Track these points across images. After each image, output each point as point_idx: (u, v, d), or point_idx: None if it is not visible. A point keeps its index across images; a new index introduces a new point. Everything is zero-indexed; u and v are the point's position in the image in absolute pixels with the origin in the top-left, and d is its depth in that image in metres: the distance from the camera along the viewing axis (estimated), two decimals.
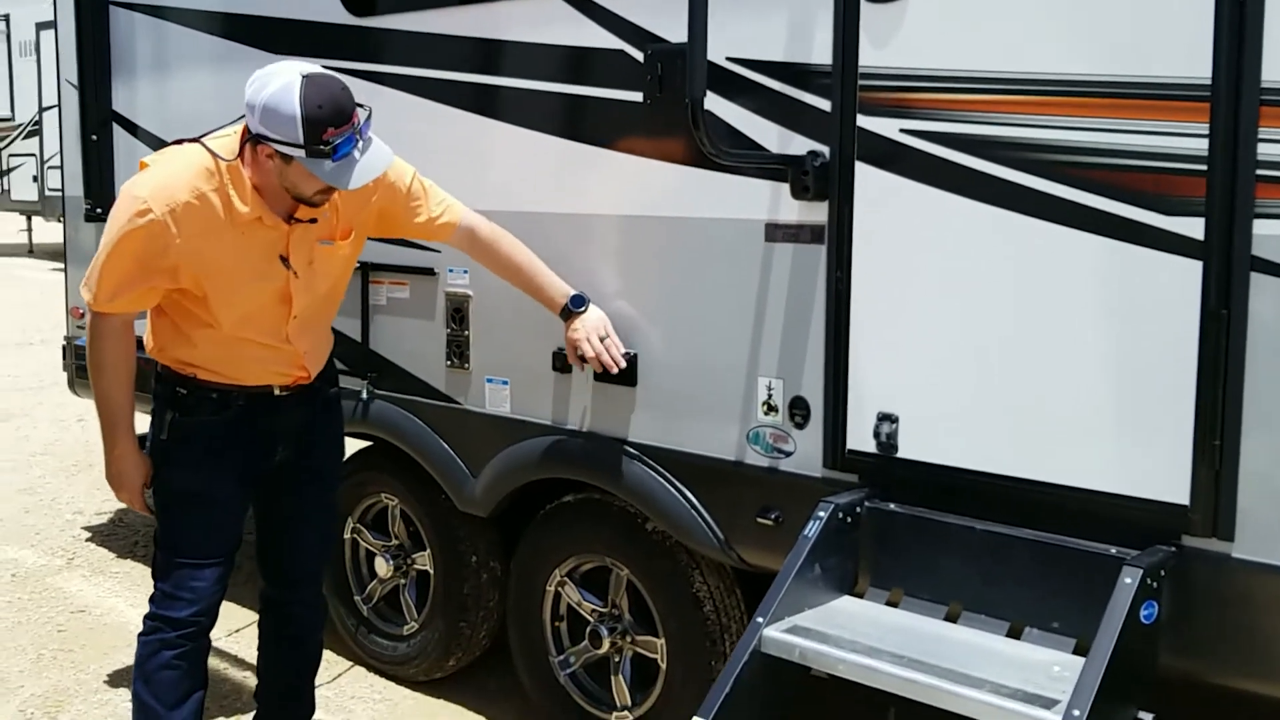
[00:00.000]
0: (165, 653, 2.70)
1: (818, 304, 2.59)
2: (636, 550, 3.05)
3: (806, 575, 2.34)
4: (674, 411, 2.87)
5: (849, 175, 2.50)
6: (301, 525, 2.93)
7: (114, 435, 2.70)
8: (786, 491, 2.67)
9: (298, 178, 2.49)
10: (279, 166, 2.48)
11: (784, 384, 2.66)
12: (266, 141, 2.43)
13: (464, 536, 3.50)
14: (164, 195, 2.49)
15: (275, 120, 2.40)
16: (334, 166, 2.43)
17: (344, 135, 2.41)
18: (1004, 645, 2.21)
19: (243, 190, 2.54)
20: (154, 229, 2.48)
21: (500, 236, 2.91)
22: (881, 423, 2.49)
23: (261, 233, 2.59)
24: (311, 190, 2.53)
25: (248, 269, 2.61)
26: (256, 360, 2.72)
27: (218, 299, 2.61)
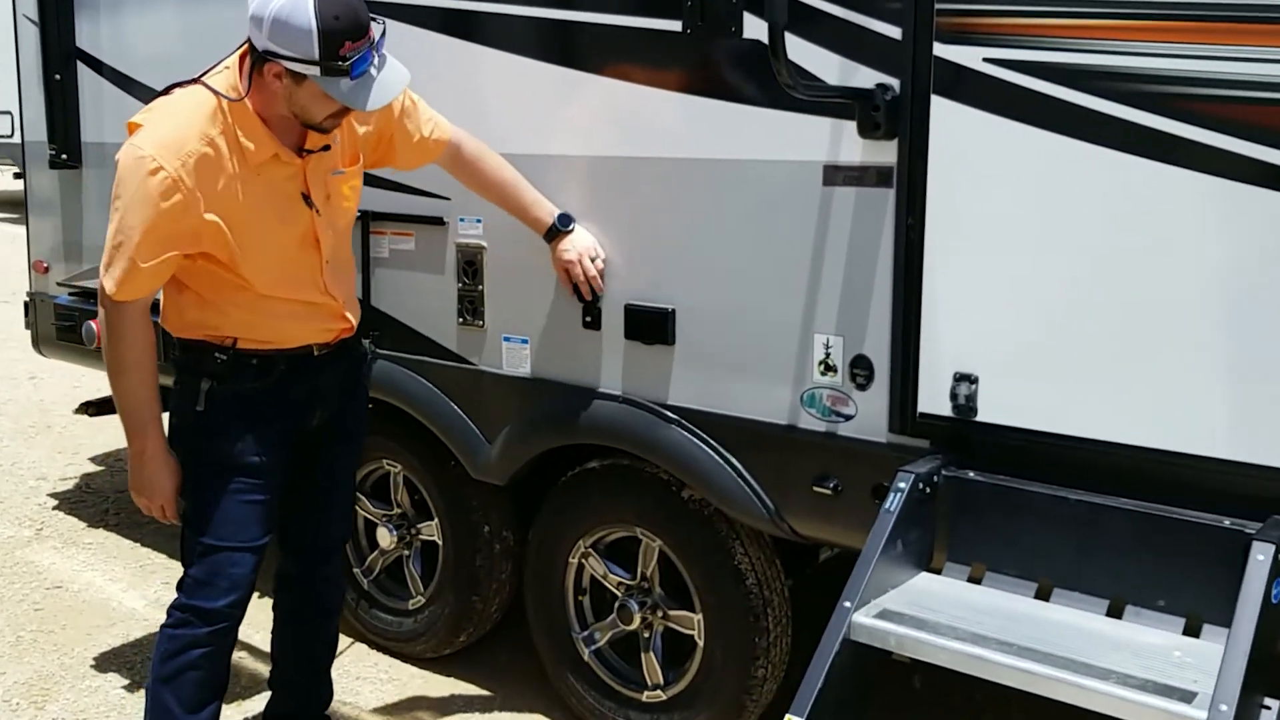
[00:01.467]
0: (193, 652, 2.47)
1: (884, 254, 2.36)
2: (671, 520, 2.84)
3: (890, 554, 2.14)
4: (717, 372, 2.64)
5: (924, 110, 2.26)
6: (333, 492, 2.73)
7: (143, 435, 2.43)
8: (846, 458, 2.46)
9: (309, 100, 2.26)
10: (288, 88, 2.25)
11: (844, 341, 2.44)
12: (275, 59, 2.19)
13: (476, 505, 3.26)
14: (172, 148, 2.24)
15: (287, 34, 2.16)
16: (351, 85, 2.21)
17: (361, 51, 2.20)
18: (1109, 627, 2.03)
19: (253, 127, 2.31)
20: (169, 188, 2.23)
21: (484, 152, 2.74)
22: (959, 383, 2.28)
23: (279, 172, 2.36)
24: (324, 113, 2.30)
25: (271, 214, 2.37)
26: (295, 319, 2.49)
27: (247, 256, 2.36)
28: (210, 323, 2.44)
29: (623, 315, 2.75)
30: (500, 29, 2.87)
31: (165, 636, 2.50)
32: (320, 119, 2.31)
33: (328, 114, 2.30)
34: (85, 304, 4.03)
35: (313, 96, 2.25)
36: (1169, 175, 2.03)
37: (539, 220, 2.71)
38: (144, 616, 3.80)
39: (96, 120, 4.04)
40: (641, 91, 2.65)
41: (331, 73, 2.18)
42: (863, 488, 2.43)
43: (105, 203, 3.84)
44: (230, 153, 2.28)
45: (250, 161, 2.30)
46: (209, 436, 2.47)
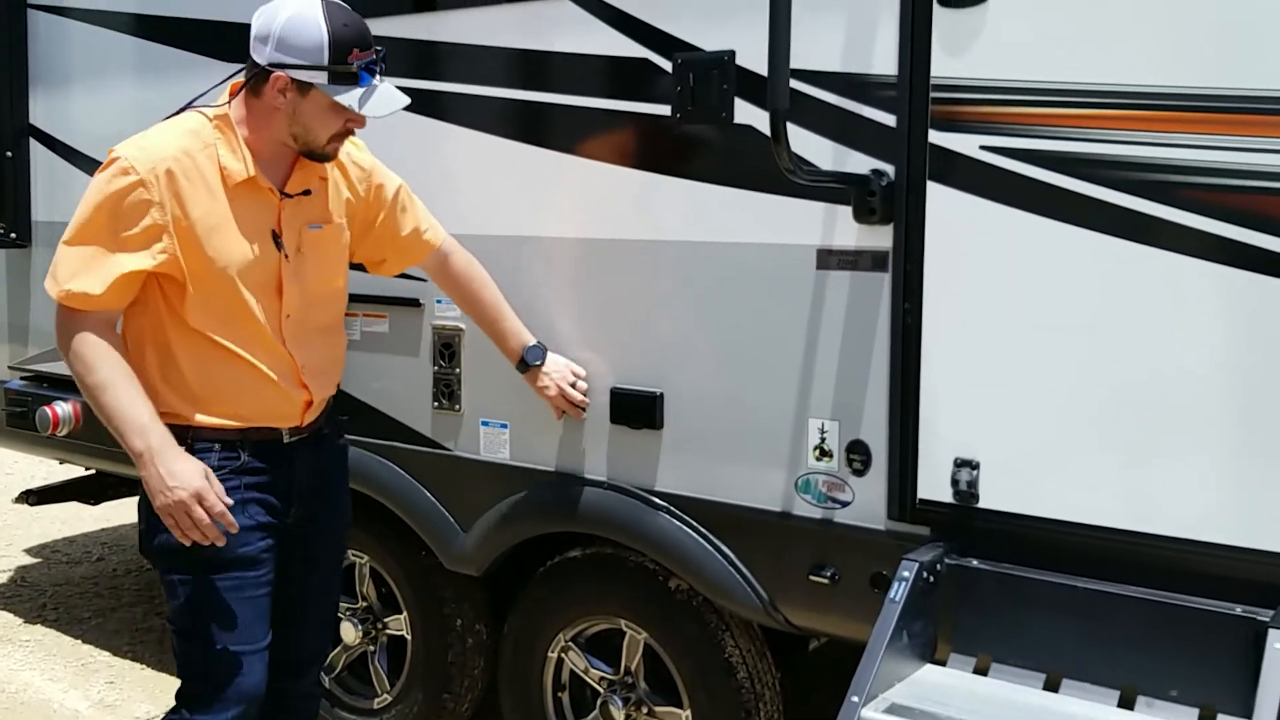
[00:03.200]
0: None
1: (879, 338, 2.34)
2: (657, 611, 2.75)
3: (896, 645, 2.08)
4: (708, 456, 2.58)
5: (920, 196, 2.27)
6: (311, 599, 2.51)
7: (145, 433, 2.14)
8: (843, 546, 2.41)
9: (313, 113, 2.21)
10: (292, 102, 2.20)
11: (839, 426, 2.40)
12: (284, 69, 2.17)
13: (448, 597, 3.14)
14: (147, 154, 2.18)
15: (296, 42, 2.15)
16: (358, 94, 2.20)
17: (367, 59, 2.20)
18: (1121, 718, 1.98)
19: (234, 146, 2.24)
20: (135, 189, 2.15)
21: (473, 268, 2.67)
22: (960, 469, 2.24)
23: (253, 199, 2.26)
24: (328, 131, 2.24)
25: (238, 242, 2.23)
26: (255, 384, 2.29)
27: (200, 282, 2.21)
28: (160, 396, 2.24)
29: (609, 399, 2.69)
30: (494, 113, 2.84)
31: None
32: (324, 138, 2.25)
33: (332, 132, 2.25)
34: (38, 389, 3.86)
35: (317, 109, 2.20)
36: (1165, 260, 2.04)
37: (513, 351, 2.68)
38: (88, 719, 3.58)
39: (49, 199, 3.93)
40: (631, 174, 2.63)
41: (339, 79, 2.17)
42: (861, 576, 2.37)
43: None
44: (209, 170, 2.21)
45: (228, 180, 2.22)
46: (166, 535, 2.21)
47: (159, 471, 2.13)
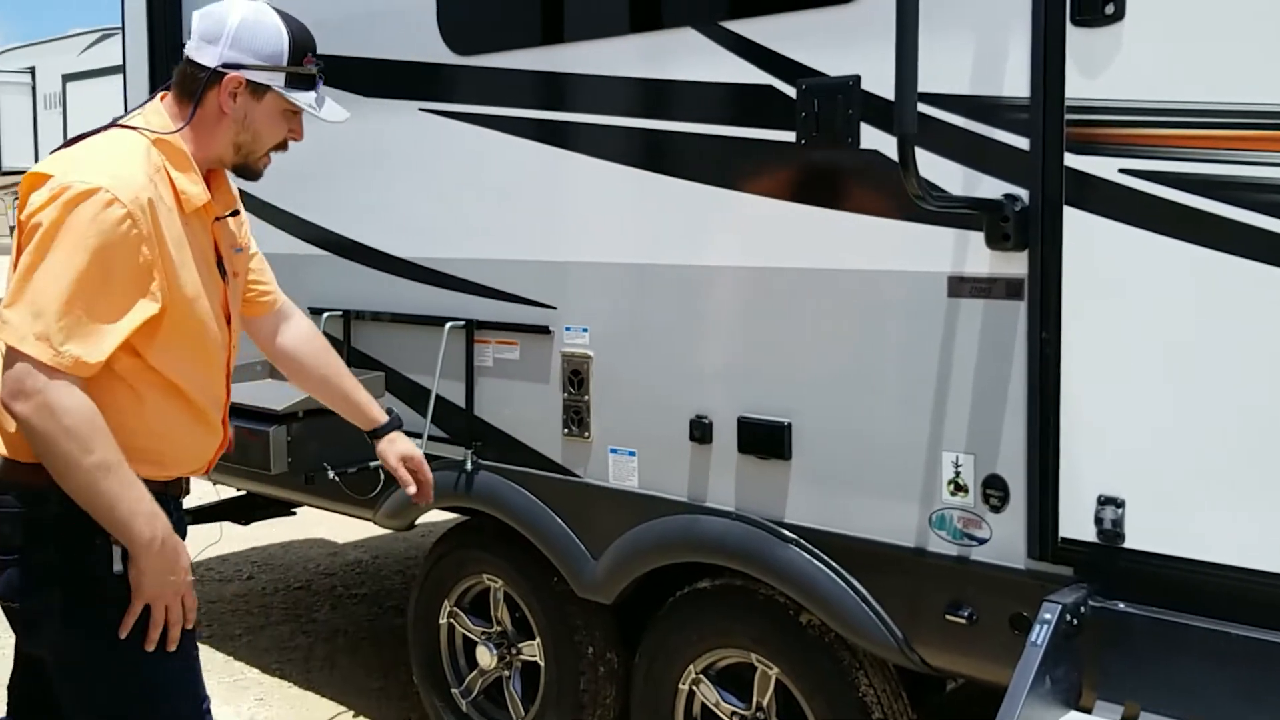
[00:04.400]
0: None
1: (1016, 368, 2.25)
2: (788, 646, 2.70)
3: (1038, 690, 1.99)
4: (839, 489, 2.53)
5: (1056, 221, 2.18)
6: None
7: (154, 519, 1.95)
8: (981, 585, 2.32)
9: (264, 118, 2.09)
10: (244, 107, 2.07)
11: (975, 460, 2.32)
12: (240, 70, 2.03)
13: (580, 625, 3.16)
14: (125, 183, 1.93)
15: (254, 40, 2.05)
16: (313, 97, 2.13)
17: (318, 66, 2.15)
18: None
19: (188, 168, 2.05)
20: (124, 223, 1.90)
21: (317, 333, 2.52)
22: (1103, 507, 2.14)
23: (199, 224, 2.09)
24: (274, 138, 2.14)
25: (200, 271, 2.06)
26: (191, 424, 2.11)
27: (174, 317, 2.01)
28: None
29: (735, 428, 2.67)
30: (616, 141, 2.87)
31: None
32: (266, 147, 2.14)
33: (275, 141, 2.15)
34: None
35: (270, 114, 2.10)
36: None
37: (367, 418, 2.47)
38: None
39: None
40: (756, 202, 2.61)
41: (297, 82, 2.09)
42: (1000, 617, 2.28)
43: None
44: (167, 195, 2.01)
45: (187, 204, 2.04)
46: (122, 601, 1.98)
47: (164, 562, 1.96)
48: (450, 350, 3.26)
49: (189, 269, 2.03)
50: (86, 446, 1.88)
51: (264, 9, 2.10)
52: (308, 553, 5.89)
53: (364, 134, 3.48)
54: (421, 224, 3.37)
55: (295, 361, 2.46)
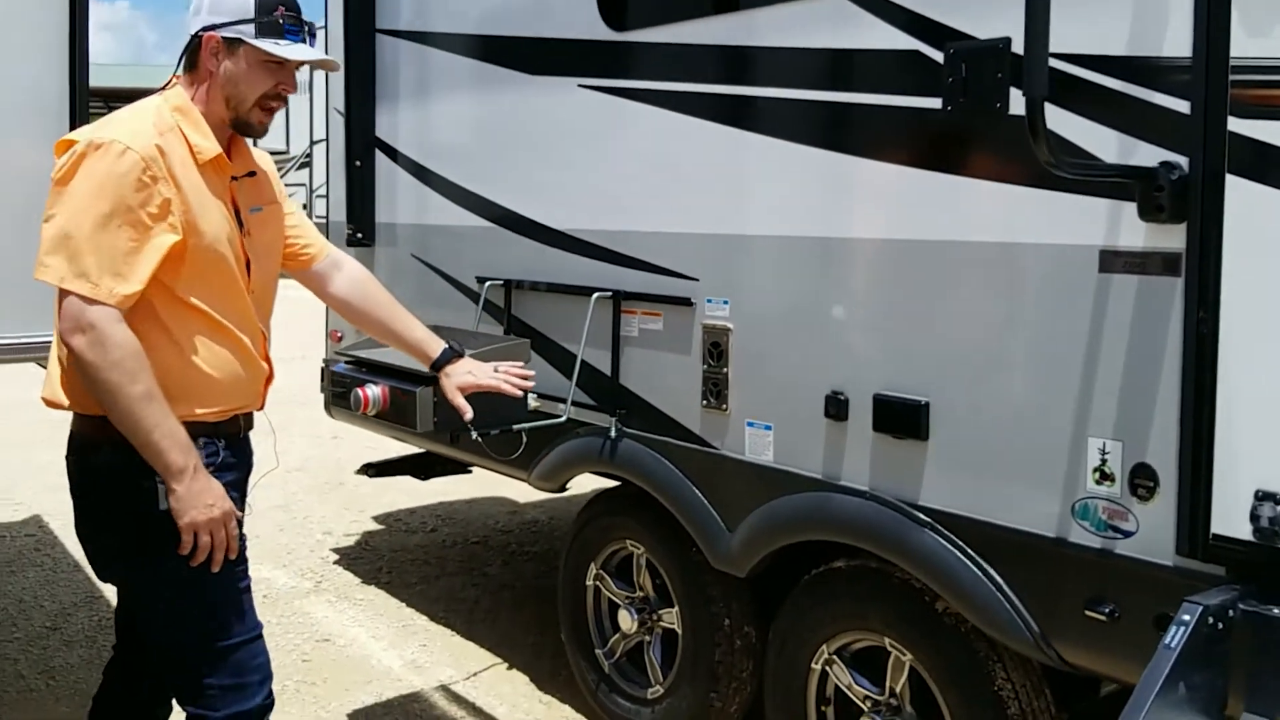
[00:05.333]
0: None
1: (1170, 350, 2.08)
2: (922, 633, 2.61)
3: (1169, 696, 1.84)
4: (976, 472, 2.41)
5: (1217, 191, 1.98)
6: None
7: (188, 451, 2.12)
8: (1124, 580, 2.17)
9: (244, 74, 2.24)
10: (225, 62, 2.24)
11: (1122, 447, 2.16)
12: (214, 29, 2.23)
13: (716, 596, 3.15)
14: (135, 134, 2.14)
15: (222, 4, 2.23)
16: (285, 44, 2.24)
17: (294, 18, 2.25)
18: None
19: (197, 123, 2.24)
20: (140, 166, 2.10)
21: (371, 278, 2.65)
22: (1262, 503, 1.95)
23: (215, 177, 2.25)
24: (257, 90, 2.25)
25: (218, 218, 2.23)
26: (236, 357, 2.26)
27: (196, 255, 2.17)
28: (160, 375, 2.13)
29: (871, 405, 2.58)
30: (757, 112, 2.81)
31: None
32: (253, 98, 2.25)
33: (260, 93, 2.25)
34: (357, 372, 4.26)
35: (250, 67, 2.23)
36: None
37: (428, 353, 2.65)
38: (398, 677, 3.93)
39: (390, 203, 4.32)
40: (903, 172, 2.50)
41: (265, 31, 2.21)
42: (1144, 616, 2.13)
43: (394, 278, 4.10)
44: (180, 149, 2.19)
45: (198, 159, 2.21)
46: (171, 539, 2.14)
47: (198, 488, 2.11)
48: (597, 320, 3.29)
49: (207, 211, 2.20)
50: (132, 377, 2.07)
51: None
52: (490, 509, 6.11)
53: (528, 111, 3.56)
54: (575, 197, 3.42)
55: (349, 306, 2.63)
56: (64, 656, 4.04)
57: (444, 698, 3.79)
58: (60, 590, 4.71)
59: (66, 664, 3.98)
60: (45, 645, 4.15)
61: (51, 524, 5.59)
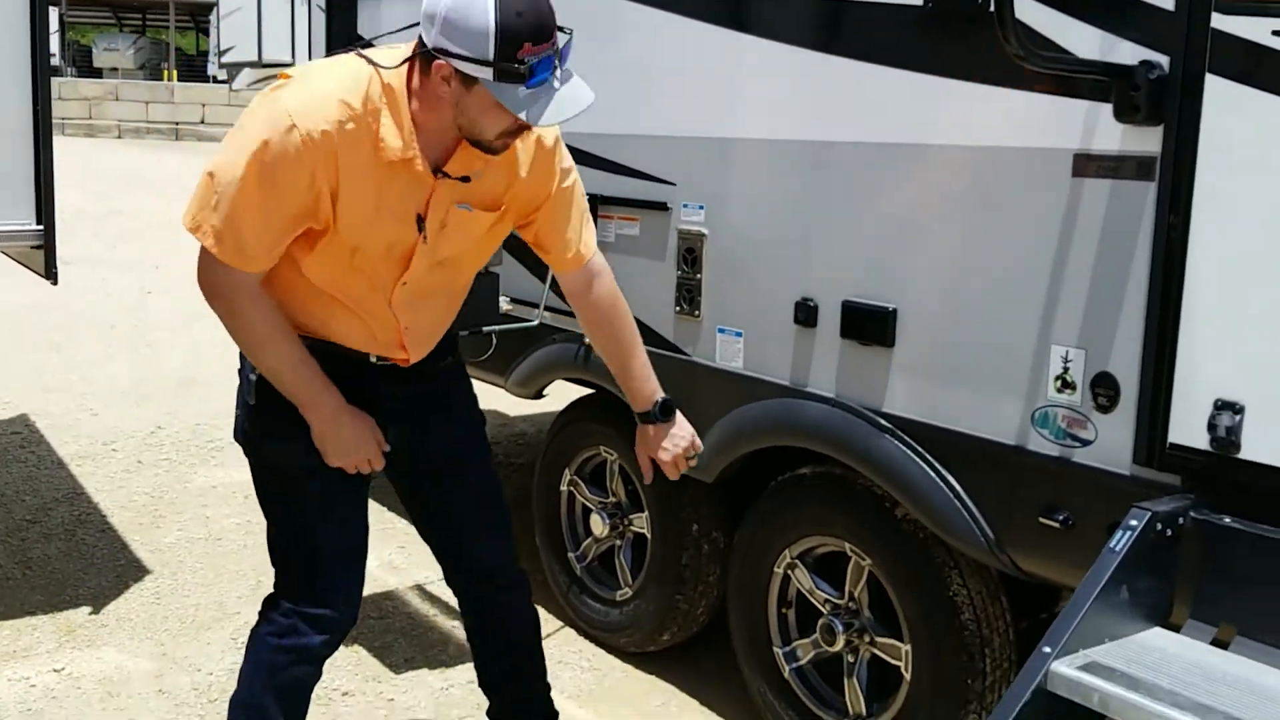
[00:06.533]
0: (305, 666, 2.26)
1: (1139, 257, 2.05)
2: (882, 539, 2.61)
3: (1110, 599, 1.85)
4: (939, 380, 2.40)
5: (1196, 92, 1.94)
6: (466, 512, 2.44)
7: (319, 399, 2.13)
8: (1080, 489, 2.16)
9: (479, 110, 1.95)
10: (456, 93, 1.94)
11: (1085, 356, 2.14)
12: (447, 58, 1.90)
13: (685, 502, 3.16)
14: (313, 111, 1.95)
15: (461, 29, 1.87)
16: (525, 94, 1.90)
17: (542, 55, 1.89)
18: None
19: (400, 119, 2.00)
20: (301, 150, 1.95)
21: (619, 299, 2.39)
22: (1219, 412, 1.94)
23: (406, 178, 2.04)
24: (494, 130, 1.98)
25: (377, 221, 2.06)
26: (345, 322, 2.20)
27: (330, 247, 2.08)
28: None
29: (840, 312, 2.56)
30: (735, 9, 2.74)
31: (269, 647, 2.24)
32: (490, 136, 1.99)
33: (499, 130, 1.98)
34: None
35: (483, 106, 1.94)
36: None
37: (643, 397, 2.38)
38: (373, 577, 3.92)
39: None
40: (870, 70, 2.45)
41: (505, 76, 1.87)
42: (1097, 524, 2.12)
43: None
44: (366, 138, 1.99)
45: (387, 153, 2.00)
46: (265, 435, 2.22)
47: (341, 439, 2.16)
48: None
49: (364, 213, 2.03)
50: (262, 347, 2.11)
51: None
52: None
53: None
54: None
55: (586, 320, 2.42)
56: (42, 549, 4.09)
57: (418, 596, 3.83)
58: (42, 486, 4.74)
59: (44, 555, 4.02)
60: (24, 537, 4.19)
61: (38, 423, 5.62)
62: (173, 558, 4.07)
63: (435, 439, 2.35)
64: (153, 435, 5.48)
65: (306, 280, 2.13)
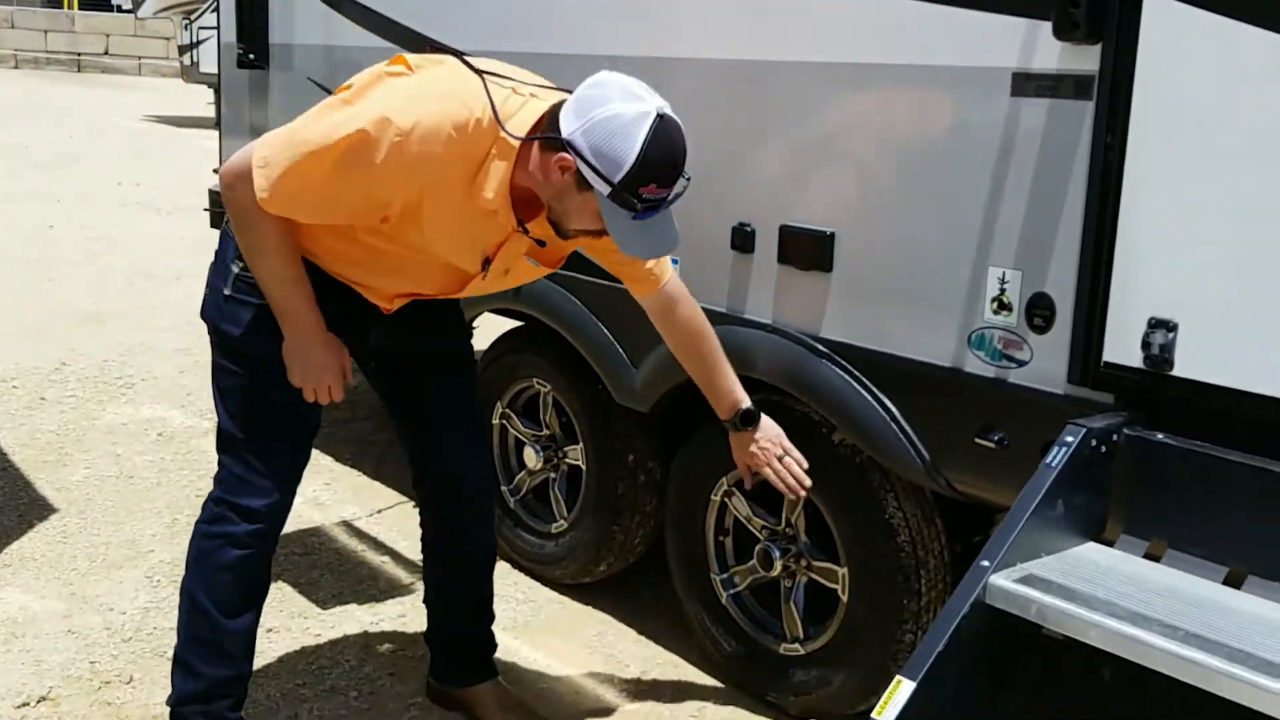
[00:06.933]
0: (231, 552, 2.29)
1: (1076, 178, 2.05)
2: (819, 464, 2.60)
3: (1046, 514, 1.87)
4: (876, 304, 2.39)
5: (1134, 9, 1.93)
6: (444, 421, 2.53)
7: (297, 316, 2.18)
8: (1016, 409, 2.18)
9: (578, 209, 2.01)
10: (565, 185, 1.98)
11: (1022, 277, 2.15)
12: (577, 157, 1.93)
13: (621, 432, 3.14)
14: (426, 132, 1.96)
15: (602, 144, 1.91)
16: (631, 225, 1.96)
17: (659, 198, 1.96)
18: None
19: (500, 174, 2.03)
20: (397, 164, 1.96)
21: (699, 319, 2.41)
22: (1153, 331, 1.96)
23: (484, 225, 2.10)
24: (580, 227, 2.06)
25: (449, 250, 2.14)
26: (371, 284, 2.27)
27: (394, 257, 2.17)
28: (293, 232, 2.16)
29: (777, 237, 2.53)
30: None
31: (200, 534, 2.32)
32: (571, 229, 2.07)
33: (584, 229, 2.06)
34: None
35: (584, 209, 1.99)
36: None
37: (724, 406, 2.41)
38: (297, 512, 3.76)
39: (285, 23, 4.07)
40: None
41: (620, 202, 1.93)
42: (1032, 443, 2.15)
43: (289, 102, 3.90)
44: (461, 174, 2.02)
45: (475, 198, 2.03)
46: (232, 323, 2.25)
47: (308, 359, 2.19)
48: None
49: (447, 235, 2.10)
50: (263, 256, 2.13)
51: (641, 118, 1.93)
52: None
53: None
54: (480, 18, 3.24)
55: (672, 344, 2.45)
56: None
57: (344, 532, 3.77)
58: None
59: None
60: None
61: None
62: (81, 495, 3.93)
63: (423, 336, 2.44)
64: (57, 372, 5.27)
65: (360, 261, 2.20)
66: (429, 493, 2.64)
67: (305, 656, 2.95)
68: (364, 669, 2.91)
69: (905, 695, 1.64)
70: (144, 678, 2.83)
